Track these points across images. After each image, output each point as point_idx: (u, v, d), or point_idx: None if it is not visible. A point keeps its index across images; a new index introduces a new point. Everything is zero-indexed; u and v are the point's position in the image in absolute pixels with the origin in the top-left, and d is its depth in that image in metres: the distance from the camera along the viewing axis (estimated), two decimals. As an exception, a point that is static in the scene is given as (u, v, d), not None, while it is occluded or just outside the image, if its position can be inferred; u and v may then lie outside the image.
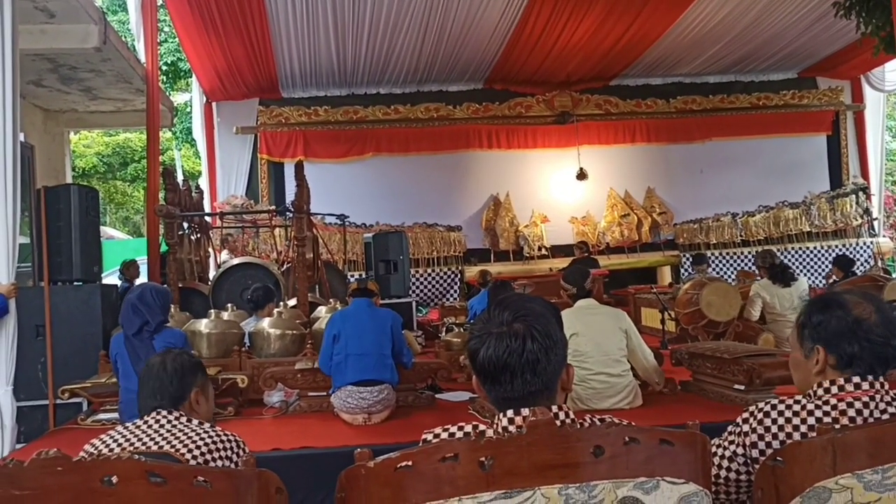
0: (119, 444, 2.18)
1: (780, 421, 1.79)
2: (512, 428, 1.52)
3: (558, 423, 1.50)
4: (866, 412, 1.73)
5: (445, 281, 12.04)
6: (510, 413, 1.54)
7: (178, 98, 17.72)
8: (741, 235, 12.82)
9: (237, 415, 4.73)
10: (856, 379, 1.81)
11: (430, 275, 12.11)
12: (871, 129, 13.46)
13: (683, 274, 11.80)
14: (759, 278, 7.69)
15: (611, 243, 12.60)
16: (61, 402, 4.86)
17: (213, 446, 2.14)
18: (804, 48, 11.87)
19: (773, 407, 1.82)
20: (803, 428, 1.75)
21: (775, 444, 1.75)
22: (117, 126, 12.38)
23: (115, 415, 4.47)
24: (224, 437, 2.20)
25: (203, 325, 5.29)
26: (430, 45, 10.64)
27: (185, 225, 7.94)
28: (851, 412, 1.74)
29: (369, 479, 1.43)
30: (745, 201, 12.83)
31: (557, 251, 12.17)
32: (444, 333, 7.30)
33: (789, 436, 1.75)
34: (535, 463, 1.40)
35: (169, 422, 2.27)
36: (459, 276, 12.00)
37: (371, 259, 9.45)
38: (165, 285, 5.86)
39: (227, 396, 4.87)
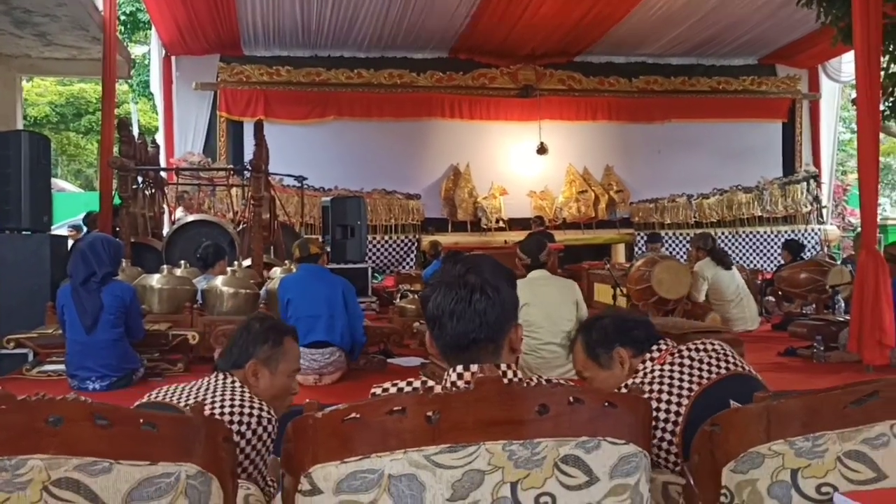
0: (168, 396, 2.14)
1: (654, 388, 2.07)
2: (460, 383, 1.55)
3: (505, 380, 1.54)
4: (703, 367, 2.07)
5: (402, 248, 12.04)
6: (459, 369, 1.58)
7: (136, 50, 17.31)
8: (695, 217, 13.04)
9: (187, 371, 4.71)
10: (656, 347, 2.18)
11: (387, 242, 12.10)
12: (826, 118, 13.74)
13: (637, 252, 11.96)
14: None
15: (567, 219, 12.71)
16: (6, 352, 4.78)
17: (236, 409, 2.07)
18: (765, 35, 12.02)
19: (642, 383, 2.10)
20: (675, 389, 2.04)
21: (653, 406, 2.02)
22: (72, 74, 12.07)
23: (62, 366, 4.42)
24: (254, 407, 2.11)
25: (155, 280, 5.24)
26: (396, 9, 10.53)
27: (140, 179, 7.80)
28: (687, 366, 2.08)
29: (317, 430, 1.44)
30: (700, 183, 13.03)
31: (515, 224, 12.24)
32: (398, 300, 7.33)
33: (662, 399, 2.04)
34: (480, 419, 1.43)
35: (216, 381, 2.21)
36: (416, 244, 12.01)
37: (328, 223, 9.40)
38: (118, 240, 5.77)
39: (178, 353, 4.85)
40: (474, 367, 1.56)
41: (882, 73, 9.59)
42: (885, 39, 8.53)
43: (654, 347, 2.18)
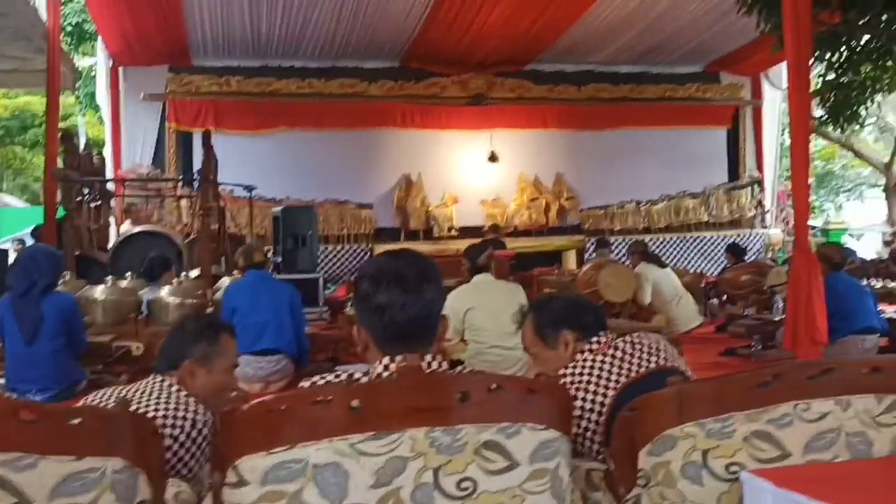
0: (103, 401, 2.14)
1: (584, 378, 2.16)
2: (385, 374, 1.60)
3: (427, 368, 1.59)
4: (633, 362, 2.18)
5: (355, 258, 12.03)
6: (386, 360, 1.63)
7: (83, 62, 17.04)
8: (644, 223, 13.26)
9: (131, 382, 4.66)
10: (596, 338, 2.27)
11: (339, 252, 12.07)
12: (768, 125, 14.09)
13: (588, 258, 12.12)
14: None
15: (519, 226, 12.82)
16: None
17: (170, 412, 2.07)
18: (709, 43, 12.30)
19: (573, 371, 2.20)
20: (602, 381, 2.15)
21: (580, 395, 2.13)
22: (15, 86, 11.87)
23: (1, 380, 4.36)
24: (188, 410, 2.11)
25: (98, 291, 5.19)
26: (346, 18, 10.55)
27: (86, 191, 7.71)
28: (618, 359, 2.19)
29: (243, 422, 1.48)
30: (648, 190, 13.25)
31: (467, 232, 12.27)
32: (349, 307, 7.34)
33: (588, 390, 2.15)
34: (404, 406, 1.48)
35: (152, 385, 2.21)
36: (369, 253, 12.01)
37: (279, 233, 9.37)
38: (60, 250, 5.71)
39: (122, 364, 4.81)
40: (398, 358, 1.61)
41: (820, 80, 9.96)
42: (823, 47, 8.86)
43: (595, 339, 2.27)
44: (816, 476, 1.60)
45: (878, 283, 8.03)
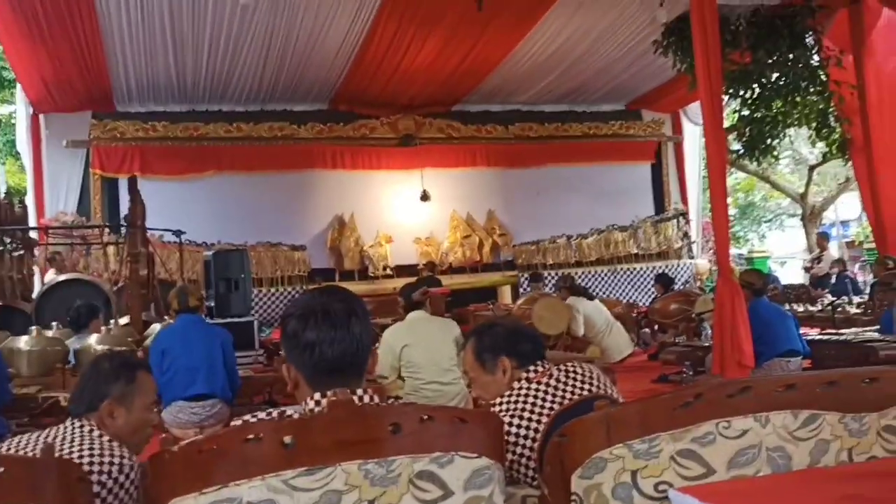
0: (18, 448, 2.07)
1: (518, 406, 2.20)
2: (317, 409, 1.61)
3: (359, 402, 1.61)
4: (567, 389, 2.24)
5: (289, 300, 11.88)
6: (317, 396, 1.64)
7: (1, 110, 16.63)
8: (575, 256, 13.49)
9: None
10: (534, 367, 2.32)
11: (273, 294, 11.95)
12: (690, 159, 14.60)
13: (522, 293, 12.26)
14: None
15: (453, 263, 12.92)
16: None
17: (95, 458, 2.01)
18: (630, 82, 12.73)
19: (509, 398, 2.24)
20: (536, 408, 2.19)
21: (515, 423, 2.16)
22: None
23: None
24: (114, 455, 2.06)
25: (23, 342, 5.02)
26: (274, 62, 10.58)
27: (7, 240, 7.48)
28: (552, 387, 2.24)
29: (174, 463, 1.47)
30: (578, 224, 13.52)
31: (402, 271, 12.32)
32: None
33: (523, 417, 2.18)
34: (336, 440, 1.49)
35: (72, 429, 2.15)
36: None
37: (211, 278, 9.22)
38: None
39: (49, 416, 4.64)
40: (329, 393, 1.62)
41: (735, 115, 10.40)
42: (735, 84, 9.28)
43: (532, 368, 2.32)
44: (739, 490, 1.66)
45: (800, 308, 8.34)
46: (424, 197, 12.89)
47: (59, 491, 1.45)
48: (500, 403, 2.23)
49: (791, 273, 20.10)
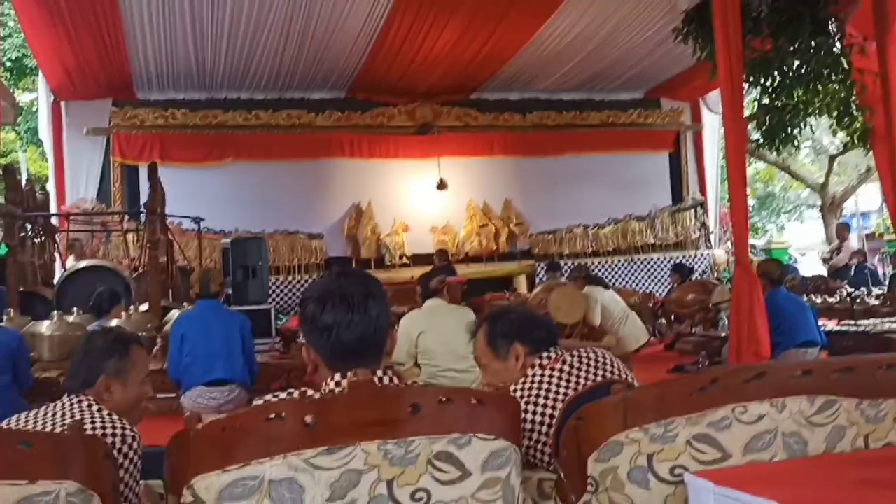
0: (20, 424, 2.11)
1: (532, 392, 2.20)
2: (337, 390, 1.63)
3: (378, 383, 1.63)
4: (580, 375, 2.24)
5: (305, 288, 11.95)
6: (337, 377, 1.66)
7: (23, 97, 16.78)
8: (592, 246, 13.48)
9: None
10: (547, 353, 2.32)
11: (290, 282, 12.02)
12: (709, 148, 14.49)
13: (538, 282, 12.25)
14: None
15: (470, 253, 12.93)
16: None
17: (98, 431, 2.05)
18: (649, 70, 12.64)
19: (523, 385, 2.24)
20: (551, 394, 2.19)
21: (530, 409, 2.16)
22: (-47, 123, 11.56)
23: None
24: (115, 426, 2.10)
25: (45, 326, 5.09)
26: (292, 50, 10.60)
27: (29, 227, 7.57)
28: (566, 373, 2.24)
29: (197, 441, 1.50)
30: (595, 214, 13.50)
31: (418, 260, 12.35)
32: (301, 336, 7.30)
33: (538, 403, 2.18)
34: (356, 420, 1.52)
35: (70, 405, 2.19)
36: (321, 283, 11.93)
37: (229, 265, 9.28)
38: (2, 286, 5.60)
39: (70, 400, 4.71)
40: (350, 374, 1.65)
41: (755, 103, 10.31)
42: (756, 72, 9.18)
43: (546, 354, 2.32)
44: (755, 475, 1.67)
45: (818, 299, 8.29)
46: (441, 185, 12.89)
47: (86, 468, 1.48)
48: (515, 391, 2.25)
49: (810, 265, 19.95)
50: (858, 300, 7.85)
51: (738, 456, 1.74)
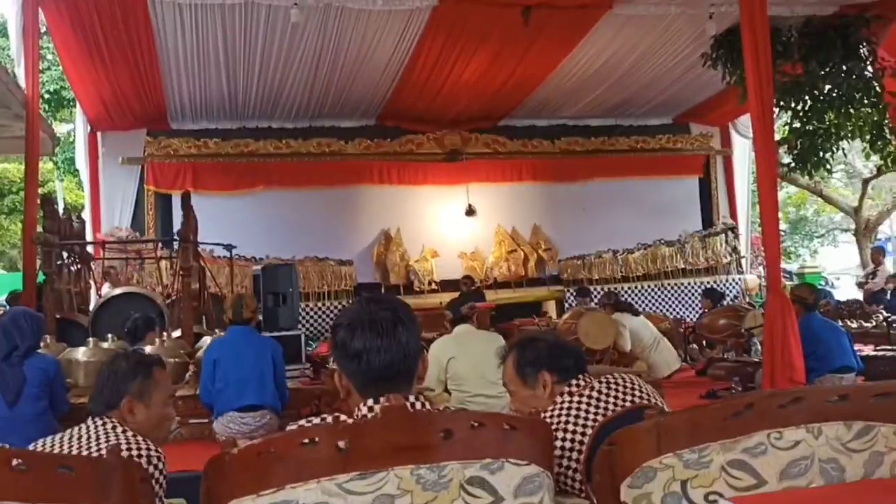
0: (47, 448, 2.15)
1: (562, 419, 2.19)
2: (370, 415, 1.64)
3: (410, 408, 1.64)
4: (609, 400, 2.23)
5: (336, 314, 12.00)
6: (370, 402, 1.67)
7: (61, 128, 17.15)
8: (622, 271, 13.39)
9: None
10: (576, 381, 2.30)
11: (320, 308, 12.09)
12: (739, 173, 14.39)
13: (567, 308, 12.19)
14: None
15: (498, 278, 12.92)
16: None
17: (122, 452, 2.10)
18: (677, 95, 12.62)
19: (552, 413, 2.23)
20: (580, 420, 2.18)
21: (560, 436, 2.15)
22: (-7, 153, 11.86)
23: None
24: (140, 448, 2.13)
25: (80, 353, 5.18)
26: (321, 80, 10.76)
27: (65, 255, 7.71)
28: (595, 399, 2.23)
29: (233, 465, 1.51)
30: (624, 239, 13.43)
31: (447, 286, 12.35)
32: (331, 362, 7.33)
33: (568, 430, 2.17)
34: (389, 445, 1.52)
35: (95, 427, 2.23)
36: (350, 310, 11.98)
37: (260, 292, 9.37)
38: (40, 313, 5.68)
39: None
40: (382, 399, 1.66)
41: (787, 128, 10.25)
42: (787, 96, 9.15)
43: (575, 382, 2.31)
44: (792, 501, 1.65)
45: (854, 324, 8.16)
46: (470, 212, 12.94)
47: (124, 491, 1.51)
48: (546, 418, 2.24)
49: (844, 289, 19.65)
50: (895, 325, 7.72)
51: (773, 482, 1.71)
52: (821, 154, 9.39)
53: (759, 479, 1.71)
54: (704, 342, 8.29)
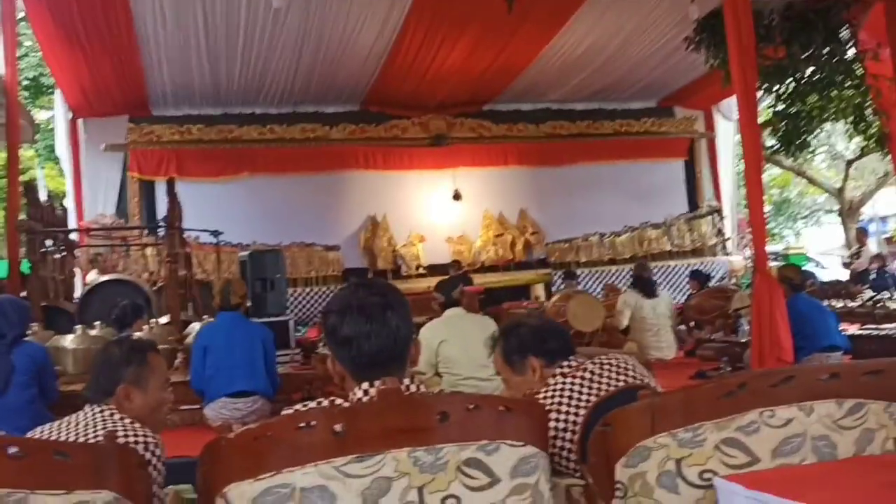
0: (44, 436, 2.14)
1: (555, 401, 2.21)
2: (365, 398, 1.65)
3: (406, 391, 1.64)
4: (602, 381, 2.25)
5: (324, 300, 12.00)
6: (365, 385, 1.67)
7: (41, 115, 16.95)
8: (608, 254, 13.45)
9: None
10: (567, 363, 2.33)
11: (308, 294, 12.07)
12: (723, 155, 14.46)
13: (555, 291, 12.23)
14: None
15: (486, 262, 12.94)
16: None
17: (119, 440, 2.06)
18: (661, 79, 12.64)
19: (545, 394, 2.25)
20: (573, 402, 2.20)
21: (553, 417, 2.17)
22: (-27, 142, 11.69)
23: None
24: (137, 434, 2.12)
25: (69, 340, 5.14)
26: (305, 65, 10.68)
27: (49, 243, 7.65)
28: (588, 380, 2.25)
29: (230, 450, 1.51)
30: (611, 222, 13.47)
31: (435, 270, 12.34)
32: (321, 347, 7.34)
33: (561, 410, 2.20)
34: (385, 428, 1.53)
35: (93, 415, 2.22)
36: (338, 295, 11.97)
37: (247, 278, 9.33)
38: (26, 301, 5.64)
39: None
40: (377, 383, 1.66)
41: (770, 111, 10.29)
42: (770, 80, 9.17)
43: (566, 363, 2.33)
44: (785, 478, 1.66)
45: (839, 304, 8.24)
46: (456, 196, 12.93)
47: (121, 477, 1.50)
48: (539, 400, 2.25)
49: (828, 269, 19.82)
50: (880, 304, 7.80)
51: (767, 460, 1.73)
52: (804, 136, 9.44)
53: (752, 457, 1.73)
54: (692, 323, 8.34)
